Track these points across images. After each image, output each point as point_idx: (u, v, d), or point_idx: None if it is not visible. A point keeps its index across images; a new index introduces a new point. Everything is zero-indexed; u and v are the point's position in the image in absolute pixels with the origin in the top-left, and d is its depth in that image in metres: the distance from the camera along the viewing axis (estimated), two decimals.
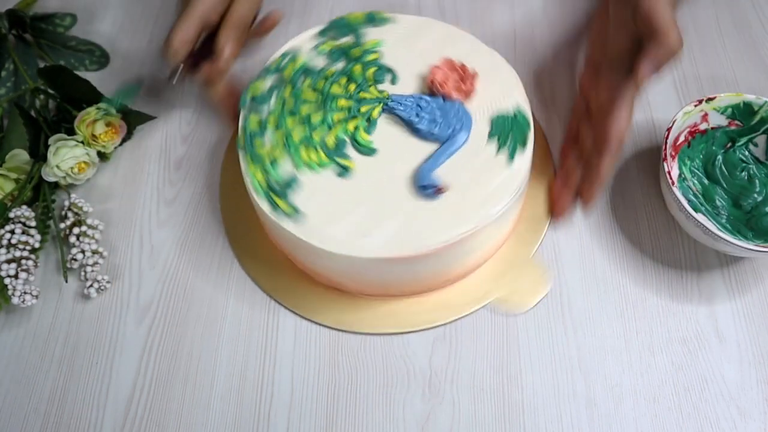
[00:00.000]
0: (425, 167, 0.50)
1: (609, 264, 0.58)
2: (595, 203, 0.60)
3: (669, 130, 0.55)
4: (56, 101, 0.65)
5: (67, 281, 0.57)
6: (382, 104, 0.54)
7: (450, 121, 0.52)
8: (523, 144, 0.52)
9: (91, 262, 0.56)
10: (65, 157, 0.58)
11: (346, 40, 0.58)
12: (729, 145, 0.59)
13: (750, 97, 0.57)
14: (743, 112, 0.58)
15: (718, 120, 0.58)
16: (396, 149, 0.52)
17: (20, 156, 0.61)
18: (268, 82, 0.56)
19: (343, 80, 0.55)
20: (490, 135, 0.52)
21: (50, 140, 0.60)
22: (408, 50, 0.57)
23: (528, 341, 0.54)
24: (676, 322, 0.55)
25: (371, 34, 0.58)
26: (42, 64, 0.69)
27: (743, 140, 0.59)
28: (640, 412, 0.51)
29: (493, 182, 0.50)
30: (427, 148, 0.52)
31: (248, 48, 0.65)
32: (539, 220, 0.59)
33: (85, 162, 0.60)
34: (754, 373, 0.52)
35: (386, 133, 0.53)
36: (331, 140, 0.52)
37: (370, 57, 0.57)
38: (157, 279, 0.58)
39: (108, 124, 0.61)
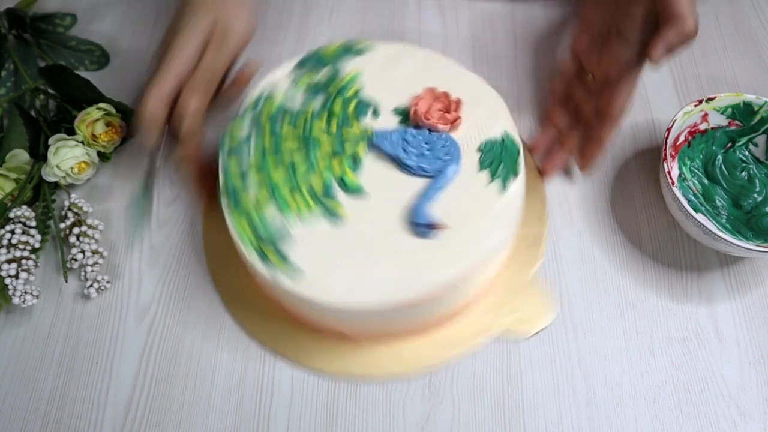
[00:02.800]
0: (418, 205, 0.48)
1: (609, 264, 0.58)
2: (594, 168, 0.61)
3: (669, 130, 0.55)
4: (56, 101, 0.65)
5: (67, 281, 0.57)
6: (366, 141, 0.52)
7: (438, 154, 0.50)
8: (515, 171, 0.51)
9: (91, 262, 0.56)
10: (65, 157, 0.58)
11: (324, 73, 0.55)
12: (729, 145, 0.59)
13: (750, 97, 0.57)
14: (743, 112, 0.58)
15: (718, 120, 0.58)
16: (386, 187, 0.50)
17: (20, 156, 0.61)
18: (245, 128, 0.52)
19: (324, 118, 0.53)
20: (481, 164, 0.51)
21: (50, 140, 0.60)
22: (388, 81, 0.55)
23: (528, 341, 0.54)
24: (676, 322, 0.55)
25: (349, 66, 0.56)
26: (42, 64, 0.69)
27: (743, 140, 0.59)
28: (640, 412, 0.51)
29: (488, 213, 0.49)
30: (418, 183, 0.50)
31: (221, 106, 0.58)
32: (537, 239, 0.58)
33: (85, 162, 0.60)
34: (754, 373, 0.52)
35: (374, 172, 0.51)
36: (317, 184, 0.50)
37: (350, 91, 0.54)
38: (157, 279, 0.58)
39: (108, 124, 0.61)
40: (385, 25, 0.73)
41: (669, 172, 0.54)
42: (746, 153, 0.59)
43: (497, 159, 0.51)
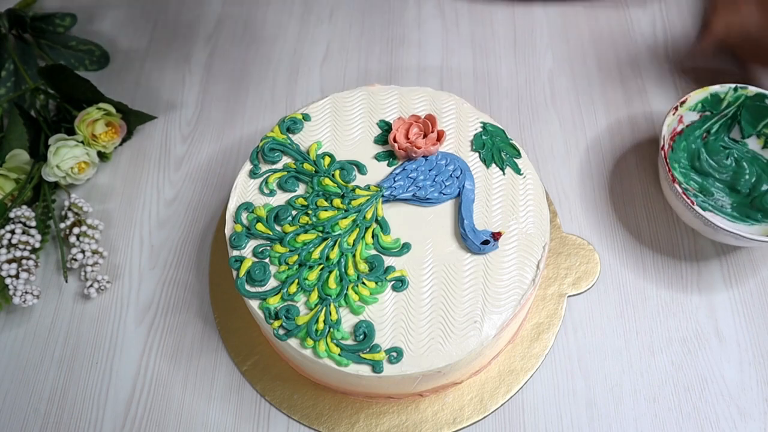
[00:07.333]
0: (467, 229, 0.47)
1: (609, 264, 0.57)
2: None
3: (663, 149, 0.55)
4: (56, 101, 0.65)
5: (67, 281, 0.57)
6: (379, 198, 0.49)
7: (448, 175, 0.50)
8: (516, 151, 0.52)
9: (91, 262, 0.56)
10: (65, 157, 0.58)
11: (285, 161, 0.51)
12: (705, 135, 0.60)
13: (715, 88, 0.58)
14: (711, 102, 0.59)
15: (691, 117, 0.59)
16: (421, 228, 0.49)
17: (20, 156, 0.61)
18: (247, 250, 0.48)
19: (323, 201, 0.49)
20: (485, 162, 0.51)
21: (50, 140, 0.60)
22: (348, 133, 0.53)
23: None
24: (676, 322, 0.55)
25: (302, 141, 0.53)
26: (42, 64, 0.69)
27: (716, 126, 0.60)
28: (640, 412, 0.51)
29: (519, 200, 0.50)
30: (446, 207, 0.50)
31: None
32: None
33: (85, 162, 0.60)
34: (754, 373, 0.52)
35: (401, 221, 0.49)
36: (362, 266, 0.47)
37: (325, 162, 0.51)
38: (157, 279, 0.58)
39: (108, 124, 0.61)
40: (385, 26, 0.73)
41: (682, 192, 0.53)
42: (725, 139, 0.60)
43: (495, 148, 0.52)
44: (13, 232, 0.55)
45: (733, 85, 0.58)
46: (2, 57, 0.68)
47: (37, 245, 0.56)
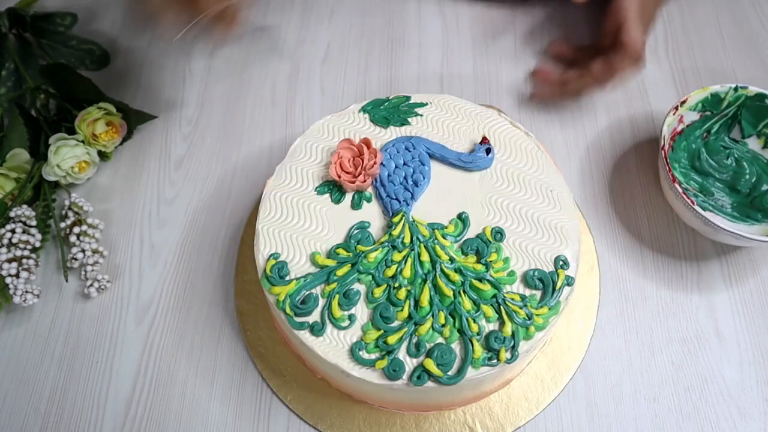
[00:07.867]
0: (465, 158, 0.50)
1: (609, 264, 0.58)
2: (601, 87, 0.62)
3: (663, 148, 0.55)
4: (56, 100, 0.65)
5: (67, 281, 0.57)
6: (409, 216, 0.48)
7: (407, 153, 0.50)
8: (417, 105, 0.53)
9: (91, 261, 0.56)
10: (66, 156, 0.58)
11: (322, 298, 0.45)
12: (705, 135, 0.60)
13: (716, 88, 0.58)
14: (711, 102, 0.59)
15: (691, 117, 0.59)
16: (451, 200, 0.49)
17: (21, 155, 0.61)
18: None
19: (391, 272, 0.46)
20: (399, 125, 0.53)
21: (51, 139, 0.60)
22: (307, 228, 0.48)
23: None
24: (676, 322, 0.55)
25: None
26: (42, 64, 0.69)
27: (716, 126, 0.60)
28: (640, 412, 0.51)
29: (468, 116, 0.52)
30: (439, 172, 0.50)
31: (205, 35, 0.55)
32: None
33: (85, 161, 0.60)
34: (754, 373, 0.52)
35: (433, 211, 0.49)
36: (469, 260, 0.46)
37: (341, 254, 0.46)
38: (157, 279, 0.58)
39: (108, 124, 0.61)
40: (385, 26, 0.73)
41: (682, 191, 0.53)
42: (725, 139, 0.60)
43: (393, 114, 0.53)
44: (13, 231, 0.55)
45: (733, 85, 0.58)
46: (2, 56, 0.68)
47: (38, 244, 0.56)
